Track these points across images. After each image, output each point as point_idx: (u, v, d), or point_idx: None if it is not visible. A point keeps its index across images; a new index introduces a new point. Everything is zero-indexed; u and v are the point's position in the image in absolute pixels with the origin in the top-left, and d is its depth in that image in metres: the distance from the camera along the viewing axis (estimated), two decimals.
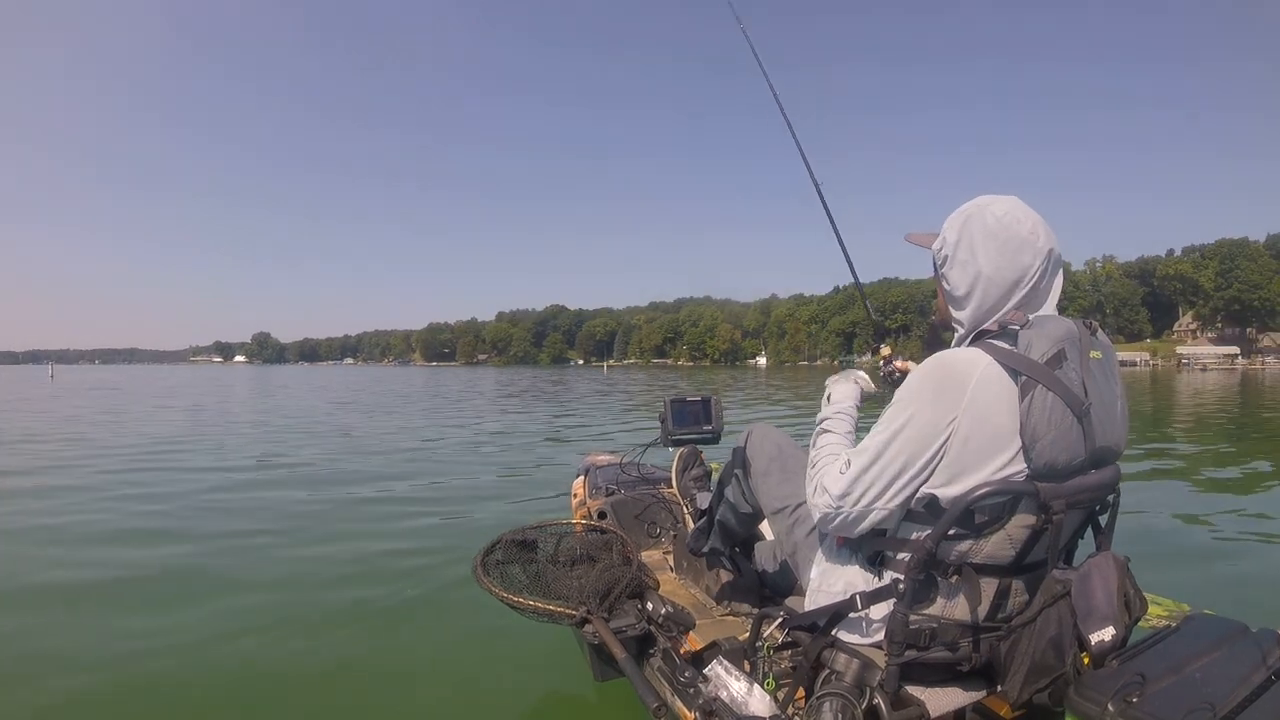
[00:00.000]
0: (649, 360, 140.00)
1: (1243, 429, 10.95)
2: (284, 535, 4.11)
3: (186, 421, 12.03)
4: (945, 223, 1.25)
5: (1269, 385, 26.80)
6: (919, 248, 1.34)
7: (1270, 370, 61.59)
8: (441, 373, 67.37)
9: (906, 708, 1.17)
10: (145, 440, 9.06)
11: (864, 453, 1.16)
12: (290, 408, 16.06)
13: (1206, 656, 1.13)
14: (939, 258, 1.26)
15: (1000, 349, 1.11)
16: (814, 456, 1.29)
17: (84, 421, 12.17)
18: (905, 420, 1.12)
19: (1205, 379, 36.28)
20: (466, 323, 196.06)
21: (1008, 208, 1.19)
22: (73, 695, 2.18)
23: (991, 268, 1.17)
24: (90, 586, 3.24)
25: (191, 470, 6.62)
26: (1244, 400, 17.79)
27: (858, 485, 1.15)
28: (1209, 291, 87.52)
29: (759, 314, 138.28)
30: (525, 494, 5.40)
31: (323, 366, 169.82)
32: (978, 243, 1.18)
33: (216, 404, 17.57)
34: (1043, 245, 1.17)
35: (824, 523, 1.22)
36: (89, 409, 15.46)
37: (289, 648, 2.54)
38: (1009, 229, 1.17)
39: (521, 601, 1.61)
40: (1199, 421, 12.17)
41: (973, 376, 1.09)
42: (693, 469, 2.42)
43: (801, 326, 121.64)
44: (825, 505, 1.19)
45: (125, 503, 5.06)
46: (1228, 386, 26.13)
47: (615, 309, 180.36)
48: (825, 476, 1.21)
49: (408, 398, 19.98)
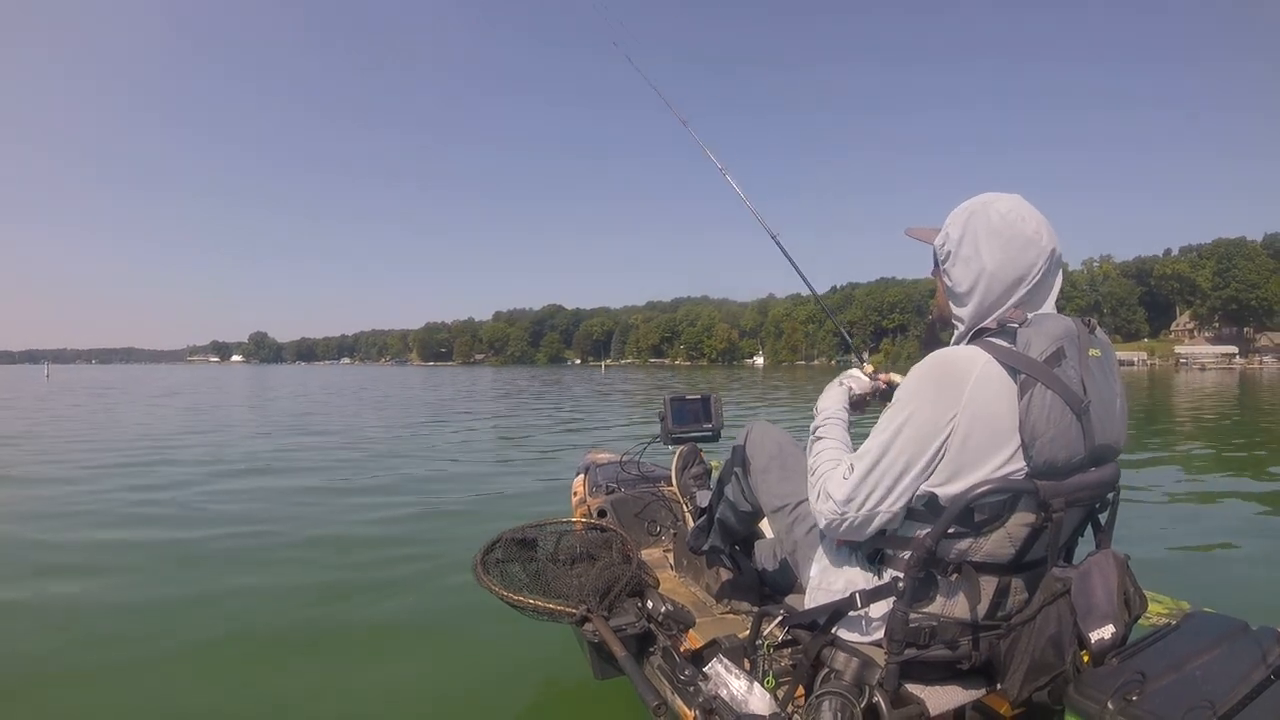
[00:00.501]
0: (646, 360, 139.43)
1: (1245, 428, 10.95)
2: (278, 535, 4.10)
3: (183, 425, 11.74)
4: (948, 218, 1.24)
5: (1270, 385, 26.77)
6: (918, 244, 1.33)
7: (1268, 370, 61.59)
8: (438, 372, 67.19)
9: (906, 706, 1.17)
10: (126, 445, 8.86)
11: (866, 455, 1.15)
12: (292, 408, 16.06)
13: (1206, 654, 1.13)
14: (941, 253, 1.25)
15: (999, 347, 1.10)
16: (813, 464, 1.28)
17: (75, 420, 12.09)
18: (905, 419, 1.11)
19: (1205, 378, 36.29)
20: (463, 322, 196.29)
21: (1011, 205, 1.18)
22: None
23: (995, 265, 1.16)
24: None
25: (181, 469, 6.62)
26: (1247, 400, 17.78)
27: (861, 489, 1.14)
28: (1206, 291, 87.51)
29: (756, 313, 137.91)
30: (525, 493, 5.40)
31: (319, 366, 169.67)
32: (981, 240, 1.17)
33: (213, 404, 17.47)
34: (1045, 244, 1.16)
35: (830, 529, 1.21)
36: (74, 409, 15.15)
37: (285, 647, 2.54)
38: (1013, 227, 1.16)
39: (521, 600, 1.60)
40: (1201, 421, 12.17)
41: (972, 374, 1.08)
42: (692, 467, 2.41)
43: (799, 326, 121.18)
44: (830, 512, 1.18)
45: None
46: (1229, 386, 26.13)
47: (613, 308, 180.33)
48: (828, 483, 1.20)
49: (408, 400, 19.97)
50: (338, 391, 24.03)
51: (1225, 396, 19.27)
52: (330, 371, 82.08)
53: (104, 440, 9.01)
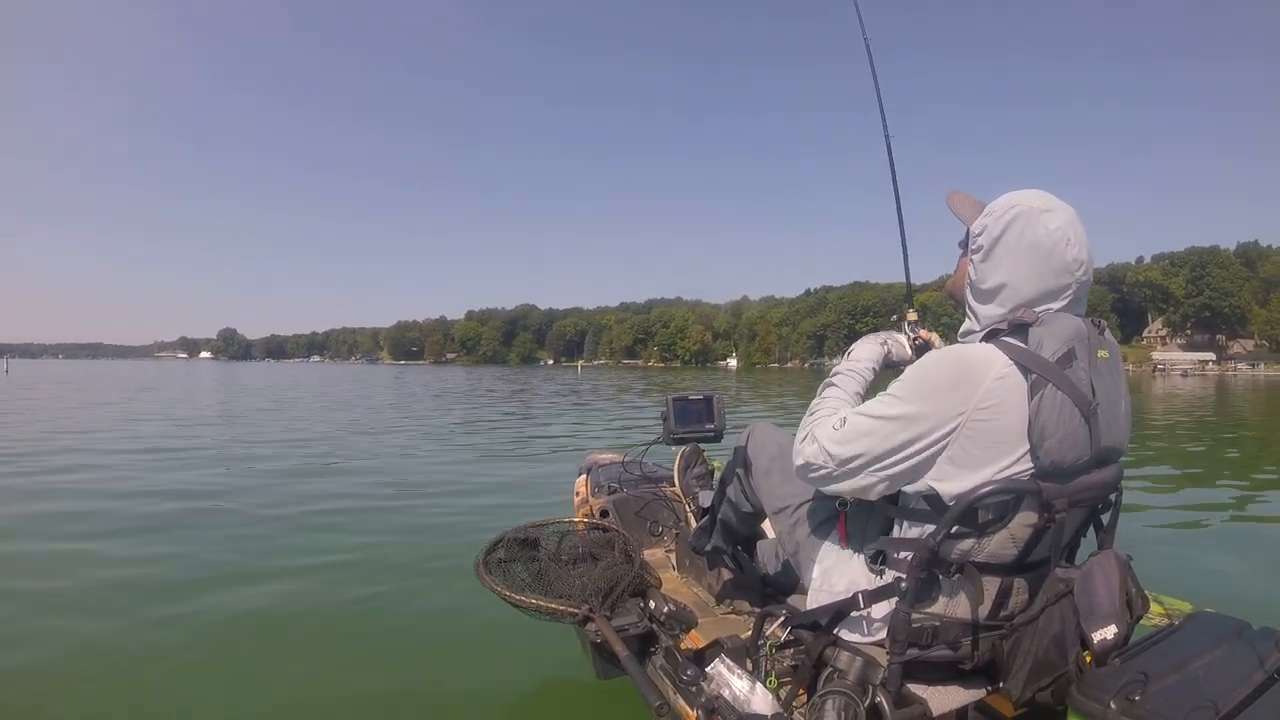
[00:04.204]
0: (619, 361, 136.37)
1: (1240, 430, 10.96)
2: (272, 537, 4.02)
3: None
4: (992, 205, 1.17)
5: (1254, 390, 26.78)
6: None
7: (1241, 376, 61.98)
8: (407, 371, 66.36)
9: (909, 706, 1.14)
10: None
11: (863, 418, 1.12)
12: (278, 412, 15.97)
13: (1209, 655, 1.10)
14: (974, 242, 1.18)
15: (1012, 346, 1.07)
16: (815, 405, 1.25)
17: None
18: (911, 407, 1.08)
19: (1186, 384, 36.43)
20: (436, 321, 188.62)
21: (1062, 223, 1.10)
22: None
23: (1023, 281, 1.11)
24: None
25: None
26: (1246, 404, 17.75)
27: (849, 448, 1.11)
28: (1180, 299, 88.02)
29: (730, 316, 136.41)
30: (526, 492, 5.35)
31: (289, 364, 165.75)
32: (1021, 250, 1.11)
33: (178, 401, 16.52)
34: (1081, 276, 1.11)
35: (803, 472, 1.18)
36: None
37: (286, 646, 2.49)
38: (1056, 249, 1.09)
39: (524, 600, 1.57)
40: (1197, 424, 12.19)
41: (988, 375, 1.05)
42: (695, 467, 2.38)
43: (772, 329, 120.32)
44: (813, 455, 1.15)
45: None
46: (1213, 392, 26.10)
47: (586, 309, 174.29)
48: (820, 427, 1.17)
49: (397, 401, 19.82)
50: (294, 388, 23.24)
51: (1222, 401, 19.25)
52: (299, 369, 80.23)
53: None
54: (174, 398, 17.81)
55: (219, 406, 15.11)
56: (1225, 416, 14.02)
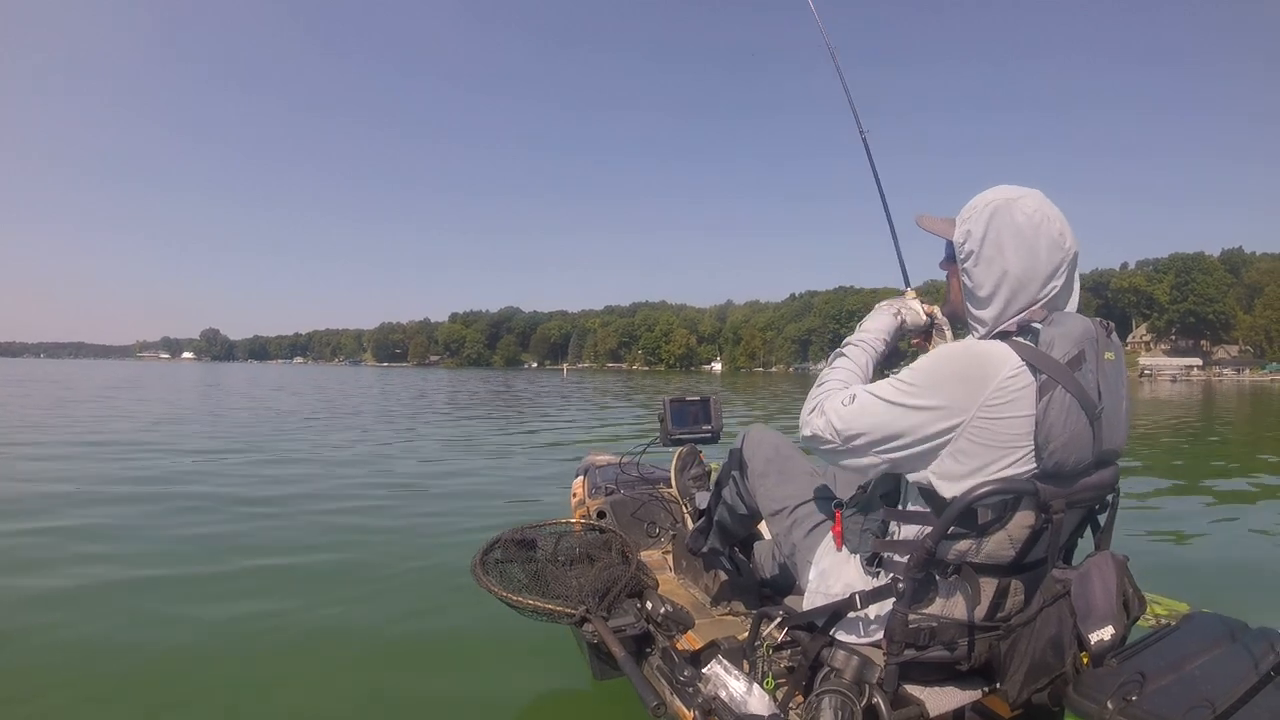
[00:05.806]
0: (603, 364, 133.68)
1: (1235, 433, 10.99)
2: (270, 536, 3.97)
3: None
4: (965, 212, 1.17)
5: (1239, 395, 26.84)
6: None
7: (1226, 381, 62.31)
8: (389, 373, 65.45)
9: (906, 707, 1.13)
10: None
11: (873, 398, 1.11)
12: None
13: (1205, 655, 1.10)
14: (961, 252, 1.17)
15: (1024, 345, 1.05)
16: (823, 376, 1.25)
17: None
18: (921, 396, 1.06)
19: (1175, 390, 36.53)
20: (419, 323, 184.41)
21: (1036, 204, 1.11)
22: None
23: (1019, 269, 1.10)
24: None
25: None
26: (1243, 408, 17.76)
27: (855, 425, 1.11)
28: (1164, 304, 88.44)
29: (715, 319, 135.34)
30: (524, 493, 5.32)
31: (272, 365, 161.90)
32: (1006, 241, 1.11)
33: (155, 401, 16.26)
34: (1070, 247, 1.11)
35: (807, 441, 1.19)
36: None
37: (281, 649, 2.45)
38: (1039, 228, 1.10)
39: (521, 600, 1.55)
40: (1192, 428, 12.21)
41: (1000, 373, 1.02)
42: (692, 468, 2.36)
43: (757, 333, 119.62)
44: (821, 428, 1.15)
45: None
46: (1203, 397, 26.11)
47: (570, 312, 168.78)
48: (829, 399, 1.16)
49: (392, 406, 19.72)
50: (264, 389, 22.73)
51: (1215, 406, 19.29)
52: (282, 370, 78.60)
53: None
54: (157, 398, 17.23)
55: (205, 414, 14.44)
56: (1212, 420, 14.06)
